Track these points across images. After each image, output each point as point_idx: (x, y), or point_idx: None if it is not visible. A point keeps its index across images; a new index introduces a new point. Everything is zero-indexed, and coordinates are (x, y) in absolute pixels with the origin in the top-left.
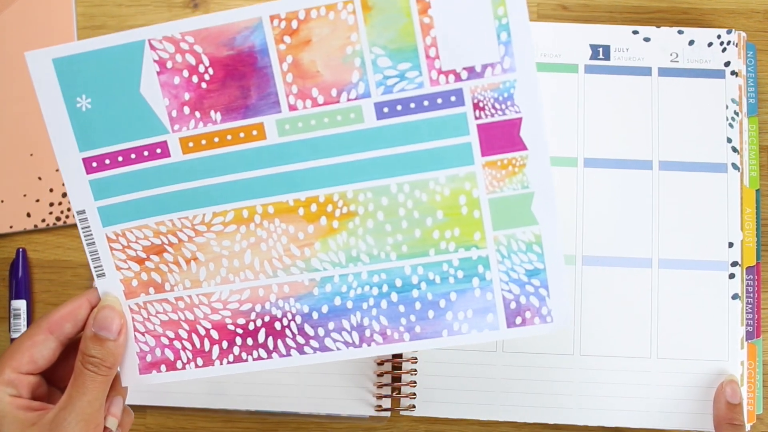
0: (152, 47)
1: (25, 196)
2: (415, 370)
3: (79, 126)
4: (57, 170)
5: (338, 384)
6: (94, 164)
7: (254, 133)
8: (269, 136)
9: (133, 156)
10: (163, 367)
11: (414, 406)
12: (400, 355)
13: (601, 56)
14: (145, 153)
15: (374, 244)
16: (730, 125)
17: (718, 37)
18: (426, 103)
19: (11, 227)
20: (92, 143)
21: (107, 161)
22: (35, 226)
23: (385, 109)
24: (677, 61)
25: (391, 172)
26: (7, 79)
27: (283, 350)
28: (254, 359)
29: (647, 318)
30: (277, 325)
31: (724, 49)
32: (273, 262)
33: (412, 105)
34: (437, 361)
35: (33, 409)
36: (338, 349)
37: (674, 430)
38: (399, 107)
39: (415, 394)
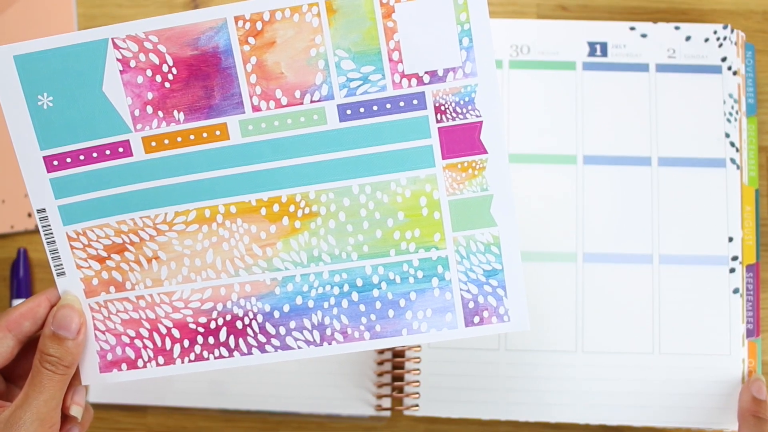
0: (116, 46)
1: (25, 196)
2: (418, 370)
3: (41, 124)
4: None
5: (338, 383)
6: (55, 163)
7: (217, 133)
8: (232, 137)
9: (95, 155)
10: (123, 366)
11: (417, 406)
12: (401, 354)
13: (598, 53)
14: (107, 152)
15: (336, 244)
16: (728, 120)
17: (714, 32)
18: (388, 105)
19: (12, 227)
20: (53, 142)
21: (68, 160)
22: (36, 226)
23: (348, 111)
24: (674, 57)
25: (353, 173)
26: None
27: (244, 349)
28: (216, 357)
29: (649, 314)
30: (239, 324)
31: (720, 45)
32: (235, 261)
33: (375, 108)
34: (439, 360)
35: None
36: (299, 347)
37: (675, 428)
38: (362, 110)
39: (418, 393)
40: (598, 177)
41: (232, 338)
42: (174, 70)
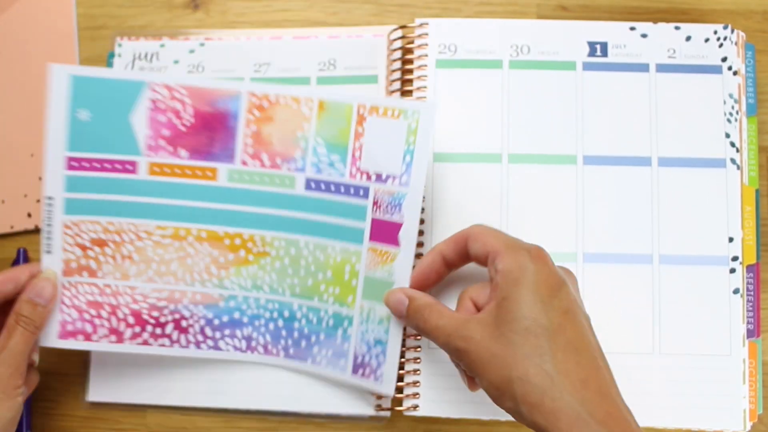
0: (152, 89)
1: (25, 196)
2: (418, 370)
3: (74, 131)
4: None
5: (338, 384)
6: (74, 164)
7: (209, 174)
8: (220, 180)
9: (107, 165)
10: (80, 337)
11: (417, 406)
12: (401, 355)
13: (598, 53)
14: (118, 166)
15: (276, 280)
16: (728, 120)
17: (715, 32)
18: (342, 189)
19: (12, 227)
20: (79, 147)
21: (86, 164)
22: (36, 226)
23: (312, 184)
24: (675, 57)
25: (303, 231)
26: (8, 80)
27: (183, 343)
28: (158, 345)
29: (649, 314)
30: (184, 323)
31: (720, 45)
32: (194, 274)
33: (332, 187)
34: (439, 360)
35: None
36: (227, 350)
37: (676, 428)
38: (323, 186)
39: (418, 393)
40: (598, 177)
41: (176, 333)
42: (192, 119)
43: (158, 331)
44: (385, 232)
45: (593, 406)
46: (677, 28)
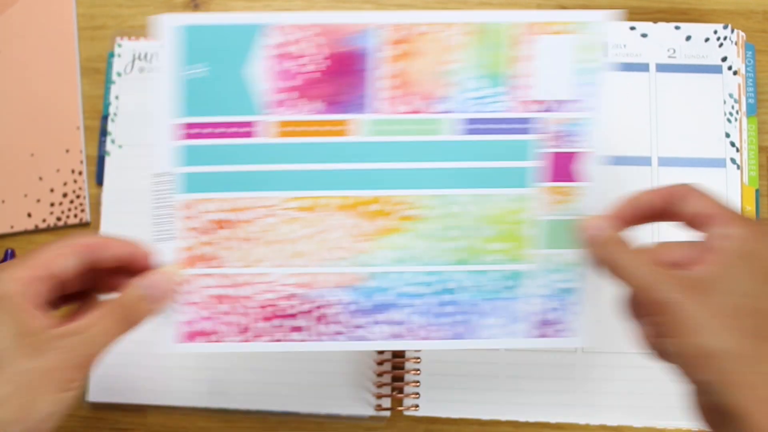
0: (271, 33)
1: (26, 196)
2: (418, 370)
3: (188, 93)
4: (58, 170)
5: (338, 384)
6: (190, 131)
7: (341, 128)
8: (354, 134)
9: (223, 130)
10: (203, 339)
11: (417, 406)
12: (402, 354)
13: None
14: (236, 129)
15: (425, 247)
16: (728, 120)
17: (715, 32)
18: (505, 126)
19: (12, 227)
20: (194, 111)
21: (202, 130)
22: (36, 226)
23: (468, 126)
24: (675, 57)
25: (457, 184)
26: (8, 80)
27: (324, 335)
28: (293, 341)
29: None
30: (320, 312)
31: (720, 44)
32: (326, 252)
33: (492, 126)
34: (439, 360)
35: (36, 317)
36: (375, 339)
37: (676, 428)
38: (480, 126)
39: (418, 393)
40: (598, 177)
41: (314, 324)
42: (318, 64)
43: (290, 323)
44: (562, 167)
45: None
46: (677, 28)
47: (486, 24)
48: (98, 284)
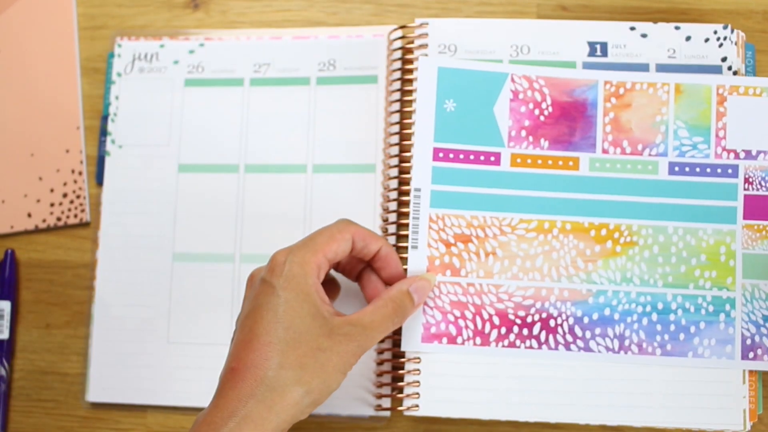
0: (513, 80)
1: (25, 196)
2: (418, 370)
3: (440, 122)
4: (58, 171)
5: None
6: (441, 155)
7: (570, 164)
8: (582, 169)
9: (471, 157)
10: (444, 340)
11: (417, 406)
12: (401, 354)
13: (598, 53)
14: (482, 158)
15: (646, 270)
16: None
17: (715, 32)
18: (708, 170)
19: (12, 227)
20: (445, 138)
21: (451, 155)
22: (36, 226)
23: (676, 168)
24: (675, 57)
25: (670, 217)
26: (8, 80)
27: (552, 344)
28: (526, 347)
29: None
30: (552, 323)
31: (720, 45)
32: (559, 269)
33: (698, 169)
34: (439, 360)
35: (325, 303)
36: (599, 351)
37: (675, 428)
38: (687, 169)
39: (418, 393)
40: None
41: (543, 333)
42: (550, 109)
43: (525, 331)
44: (762, 208)
45: None
46: (677, 28)
47: (685, 84)
48: (341, 267)
